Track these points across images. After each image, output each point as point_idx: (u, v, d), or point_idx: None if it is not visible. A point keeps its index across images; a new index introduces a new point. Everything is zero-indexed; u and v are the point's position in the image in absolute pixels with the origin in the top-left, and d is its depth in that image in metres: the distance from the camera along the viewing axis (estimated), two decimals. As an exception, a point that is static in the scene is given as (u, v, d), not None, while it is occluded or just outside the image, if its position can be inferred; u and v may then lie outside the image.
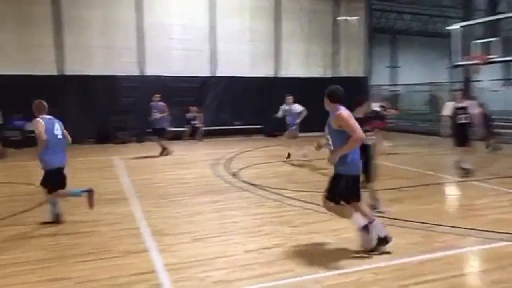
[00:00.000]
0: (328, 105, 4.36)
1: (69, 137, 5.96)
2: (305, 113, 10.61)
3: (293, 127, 10.70)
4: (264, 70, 17.95)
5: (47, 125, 5.67)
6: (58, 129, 5.77)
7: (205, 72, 17.07)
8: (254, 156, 12.10)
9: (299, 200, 6.69)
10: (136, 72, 16.10)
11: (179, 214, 6.08)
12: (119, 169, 9.97)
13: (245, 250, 4.59)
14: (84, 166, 10.38)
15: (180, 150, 13.22)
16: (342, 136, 4.20)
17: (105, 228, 5.45)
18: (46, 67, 14.85)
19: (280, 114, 10.99)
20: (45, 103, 5.87)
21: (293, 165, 10.29)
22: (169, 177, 9.00)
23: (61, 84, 14.81)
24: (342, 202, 4.38)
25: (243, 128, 17.29)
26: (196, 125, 16.36)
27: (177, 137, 15.76)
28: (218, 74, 17.22)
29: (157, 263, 4.27)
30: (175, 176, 9.01)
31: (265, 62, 18.05)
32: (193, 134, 16.21)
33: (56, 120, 5.85)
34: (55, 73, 15.09)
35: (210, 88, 17.06)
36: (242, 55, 17.54)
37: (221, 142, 15.31)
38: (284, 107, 10.89)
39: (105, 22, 15.69)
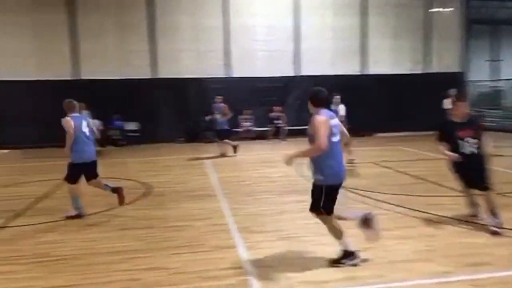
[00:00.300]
0: (311, 108, 4.19)
1: (97, 133, 6.26)
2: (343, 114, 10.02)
3: None
4: (349, 68, 17.50)
5: (76, 123, 6.04)
6: (86, 126, 6.16)
7: (288, 72, 17.12)
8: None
9: (389, 203, 6.39)
10: (223, 74, 16.69)
11: (266, 212, 6.16)
12: (207, 167, 10.39)
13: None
14: (175, 164, 11.02)
15: (264, 150, 13.42)
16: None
17: (197, 223, 5.70)
18: (141, 71, 16.04)
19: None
20: (75, 103, 6.23)
21: (384, 166, 9.86)
22: (255, 175, 9.16)
23: (154, 87, 15.89)
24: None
25: (327, 128, 16.99)
26: (279, 125, 16.47)
27: (261, 136, 16.04)
28: (301, 74, 17.17)
29: (245, 259, 4.36)
30: (260, 175, 9.14)
31: (350, 59, 17.58)
32: (277, 134, 16.34)
33: (84, 118, 6.28)
34: (149, 77, 16.22)
35: (293, 88, 17.05)
36: (325, 53, 17.29)
37: (304, 142, 15.17)
38: (332, 107, 10.30)
39: (194, 27, 16.48)
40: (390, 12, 17.63)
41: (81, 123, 6.10)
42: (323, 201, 4.05)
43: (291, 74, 17.17)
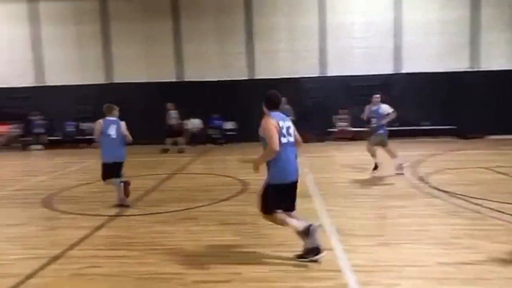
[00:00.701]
0: (264, 110, 4.32)
1: (129, 136, 6.74)
2: (393, 115, 8.95)
3: (380, 131, 8.89)
4: (456, 63, 16.16)
5: (104, 126, 6.58)
6: (113, 130, 6.57)
7: (387, 70, 16.38)
8: (444, 160, 11.00)
9: (505, 213, 5.77)
10: (318, 73, 16.55)
11: (364, 216, 5.96)
12: (303, 167, 10.37)
13: (438, 262, 4.18)
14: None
15: (361, 151, 12.99)
16: (266, 144, 4.12)
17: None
18: (239, 72, 16.61)
19: (365, 115, 9.41)
20: (112, 106, 6.74)
21: (498, 172, 8.92)
22: (351, 177, 8.91)
23: (251, 87, 16.30)
24: (277, 210, 4.27)
25: (431, 129, 15.90)
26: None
27: (357, 137, 15.57)
28: (402, 71, 16.31)
29: (343, 262, 4.26)
30: (358, 177, 8.87)
31: (457, 55, 16.22)
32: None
33: (115, 122, 6.67)
34: (246, 77, 16.72)
35: (392, 86, 16.25)
36: (429, 49, 16.19)
37: (406, 144, 14.38)
38: (370, 107, 9.30)
39: (289, 27, 16.62)
40: (506, 2, 15.90)
41: (108, 127, 6.60)
42: (268, 200, 4.25)
43: (390, 71, 16.41)
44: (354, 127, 15.94)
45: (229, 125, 16.40)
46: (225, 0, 16.77)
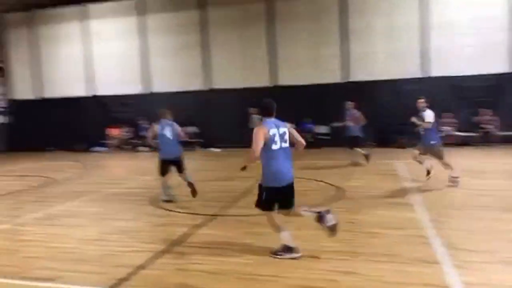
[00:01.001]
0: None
1: (182, 134, 7.63)
2: (426, 125, 8.13)
3: (430, 140, 8.17)
4: None
5: (159, 128, 7.52)
6: (168, 131, 7.47)
7: (502, 69, 14.77)
8: None
9: None
10: (419, 74, 15.57)
11: (476, 229, 5.41)
12: (401, 173, 9.83)
13: None
14: (367, 168, 10.78)
15: (470, 158, 11.92)
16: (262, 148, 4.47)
17: (391, 231, 5.43)
18: (332, 75, 16.31)
19: (414, 120, 8.52)
20: (166, 111, 7.69)
21: None
22: (460, 186, 8.16)
23: (345, 90, 15.87)
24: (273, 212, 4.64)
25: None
26: (488, 130, 14.38)
27: (464, 142, 14.33)
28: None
29: (452, 279, 3.91)
30: (467, 186, 8.06)
31: None
32: (485, 140, 14.31)
33: (170, 124, 7.55)
34: (339, 80, 16.36)
35: (507, 88, 14.65)
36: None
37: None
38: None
39: (388, 27, 15.89)
40: None
41: (163, 128, 7.50)
42: (262, 200, 4.59)
43: (507, 70, 14.76)
44: (460, 132, 14.71)
45: (322, 129, 16.18)
46: (319, 2, 16.63)
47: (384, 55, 15.95)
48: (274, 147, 4.48)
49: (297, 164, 7.64)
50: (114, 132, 18.53)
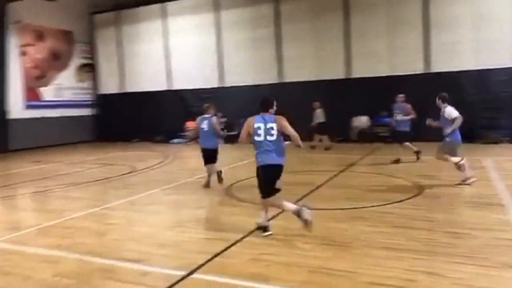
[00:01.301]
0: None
1: (219, 130, 8.41)
2: (459, 121, 7.66)
3: (447, 138, 7.82)
4: None
5: (199, 122, 8.42)
6: (205, 124, 8.28)
7: None
8: None
9: None
10: (510, 64, 14.25)
11: None
12: (490, 171, 9.14)
13: None
14: (448, 164, 10.13)
15: None
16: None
17: (479, 233, 5.07)
18: (412, 66, 15.49)
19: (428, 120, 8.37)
20: (209, 106, 8.48)
21: None
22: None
23: (428, 81, 15.01)
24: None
25: None
26: None
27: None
28: None
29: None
30: None
31: None
32: None
33: (207, 118, 8.31)
34: (421, 71, 15.50)
35: None
36: None
37: None
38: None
39: (474, 15, 14.70)
40: None
41: (202, 122, 8.34)
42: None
43: None
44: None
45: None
46: (397, -9, 15.87)
47: (470, 45, 14.79)
48: (258, 138, 5.19)
49: (372, 159, 7.45)
50: (192, 125, 19.31)
